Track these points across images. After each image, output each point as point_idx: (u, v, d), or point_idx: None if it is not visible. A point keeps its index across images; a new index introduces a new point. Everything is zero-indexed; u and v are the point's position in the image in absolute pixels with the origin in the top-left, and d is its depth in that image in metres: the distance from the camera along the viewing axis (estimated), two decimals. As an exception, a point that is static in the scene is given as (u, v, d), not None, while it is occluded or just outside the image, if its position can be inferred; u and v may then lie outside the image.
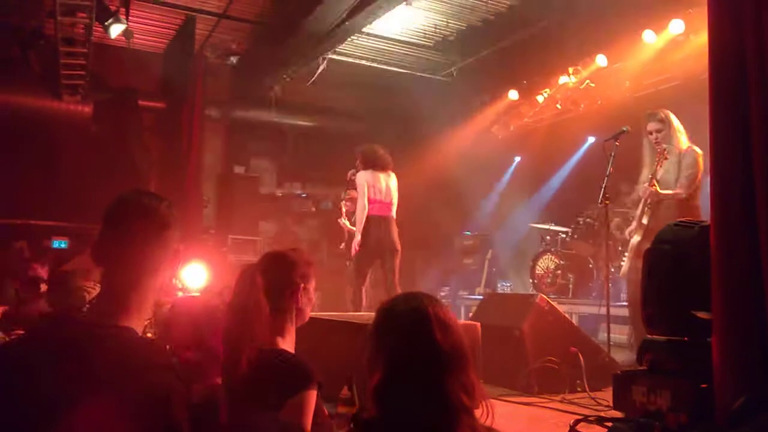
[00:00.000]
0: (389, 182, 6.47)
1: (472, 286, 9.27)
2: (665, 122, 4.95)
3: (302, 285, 2.23)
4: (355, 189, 6.55)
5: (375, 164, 6.48)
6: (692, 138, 5.07)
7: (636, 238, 5.04)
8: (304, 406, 1.94)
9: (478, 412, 1.51)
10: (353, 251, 6.31)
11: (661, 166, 4.86)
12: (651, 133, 4.99)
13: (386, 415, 1.47)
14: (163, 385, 1.33)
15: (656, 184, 4.81)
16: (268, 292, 2.14)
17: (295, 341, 2.25)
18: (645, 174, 5.08)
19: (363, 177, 6.37)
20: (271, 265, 2.23)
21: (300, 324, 2.26)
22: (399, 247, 6.41)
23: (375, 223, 6.28)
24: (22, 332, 3.82)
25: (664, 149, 4.84)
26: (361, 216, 6.20)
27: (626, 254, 5.25)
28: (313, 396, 1.98)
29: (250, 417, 2.02)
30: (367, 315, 4.62)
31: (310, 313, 2.28)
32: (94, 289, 4.65)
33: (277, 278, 2.18)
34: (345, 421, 2.13)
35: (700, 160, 4.78)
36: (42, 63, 8.52)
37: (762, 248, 2.34)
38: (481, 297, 8.42)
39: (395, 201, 6.52)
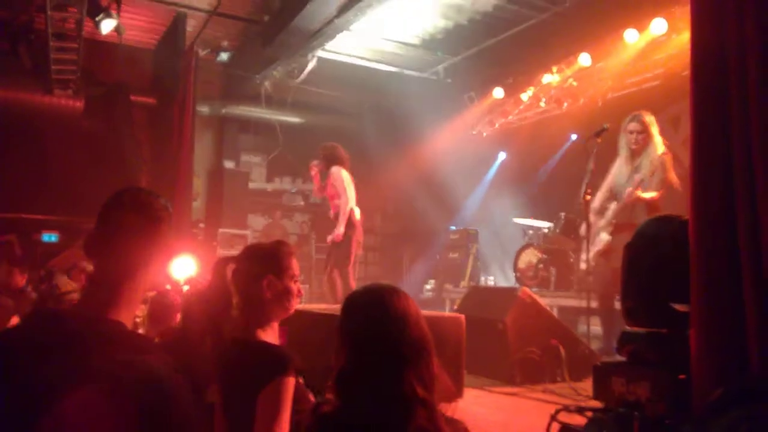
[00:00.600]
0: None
1: (457, 279, 9.42)
2: (647, 126, 5.11)
3: (271, 276, 2.15)
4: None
5: (345, 163, 6.69)
6: (674, 135, 5.23)
7: (604, 236, 5.25)
8: (280, 392, 1.89)
9: (460, 405, 1.55)
10: (349, 243, 6.36)
11: (635, 168, 5.10)
12: (631, 133, 5.14)
13: (344, 407, 1.48)
14: (158, 377, 1.30)
15: (639, 189, 4.97)
16: (242, 283, 2.15)
17: (279, 334, 2.24)
18: (617, 168, 5.27)
19: (345, 173, 6.53)
20: (246, 256, 2.22)
21: (283, 317, 2.22)
22: None
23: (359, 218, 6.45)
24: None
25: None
26: (345, 209, 6.33)
27: (591, 249, 5.38)
28: (289, 383, 1.92)
29: (227, 405, 2.06)
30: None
31: (293, 307, 2.22)
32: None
33: (250, 270, 2.16)
34: None
35: (669, 163, 5.00)
36: (33, 57, 8.50)
37: (740, 242, 2.36)
38: (465, 290, 8.58)
39: None
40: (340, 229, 6.30)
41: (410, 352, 1.47)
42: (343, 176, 6.52)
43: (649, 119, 5.15)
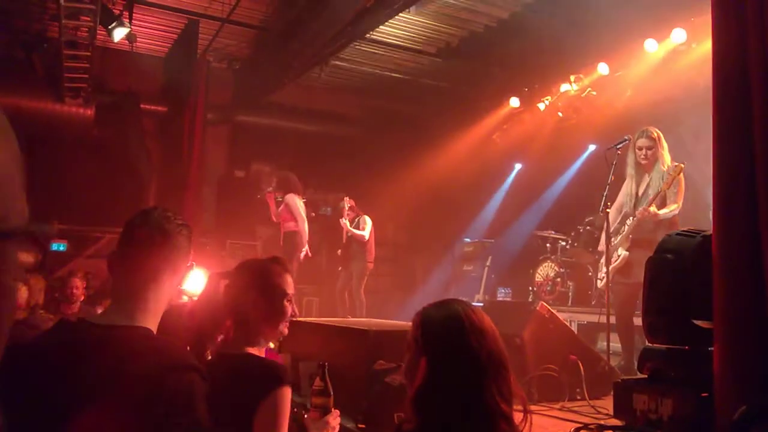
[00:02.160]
0: None
1: (471, 292, 9.25)
2: (656, 141, 5.12)
3: (255, 295, 2.11)
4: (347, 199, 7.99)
5: (299, 191, 7.59)
6: (694, 147, 5.17)
7: (623, 252, 5.20)
8: (277, 405, 1.90)
9: (516, 418, 1.50)
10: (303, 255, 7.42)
11: (645, 185, 5.13)
12: (641, 149, 5.15)
13: (426, 424, 1.46)
14: (185, 383, 1.37)
15: (654, 206, 4.95)
16: (231, 299, 2.12)
17: (272, 352, 2.28)
18: (628, 186, 5.28)
19: (299, 201, 7.48)
20: (238, 272, 2.18)
21: (273, 337, 2.20)
22: None
23: None
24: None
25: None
26: (305, 231, 7.36)
27: (604, 268, 5.35)
28: (287, 395, 1.93)
29: (223, 422, 2.01)
30: (366, 321, 4.63)
31: (283, 328, 2.15)
32: None
33: (240, 286, 2.13)
34: (320, 412, 2.13)
35: (682, 177, 5.00)
36: (45, 66, 8.54)
37: (764, 257, 2.33)
38: (480, 304, 8.40)
39: None
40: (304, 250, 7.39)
41: (490, 365, 1.47)
42: (297, 204, 7.33)
43: (657, 135, 5.16)
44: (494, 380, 1.45)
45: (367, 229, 8.04)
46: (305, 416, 2.14)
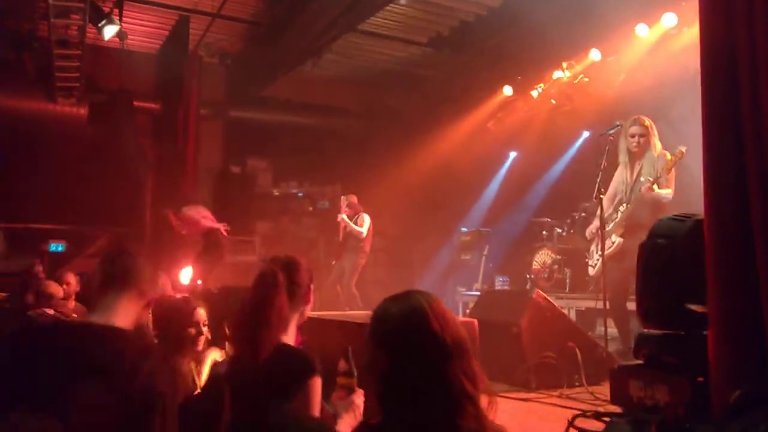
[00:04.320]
0: None
1: (469, 281, 9.29)
2: (648, 129, 5.20)
3: (312, 287, 2.38)
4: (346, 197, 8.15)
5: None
6: (686, 130, 5.21)
7: (617, 239, 5.27)
8: (311, 394, 2.05)
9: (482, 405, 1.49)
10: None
11: (637, 172, 5.20)
12: (633, 137, 5.22)
13: (391, 415, 1.47)
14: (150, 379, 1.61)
15: (656, 185, 5.00)
16: (266, 291, 2.24)
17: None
18: (621, 173, 5.35)
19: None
20: (288, 267, 2.34)
21: (301, 323, 2.37)
22: None
23: None
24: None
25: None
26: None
27: (597, 254, 5.41)
28: (318, 383, 2.09)
29: (259, 409, 2.09)
30: (364, 314, 4.66)
31: (307, 312, 2.42)
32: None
33: (292, 280, 2.31)
34: (345, 392, 2.21)
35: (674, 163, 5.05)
36: (36, 65, 8.50)
37: (756, 241, 2.35)
38: (478, 293, 8.44)
39: None
40: None
41: (454, 350, 1.46)
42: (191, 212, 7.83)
43: (649, 123, 5.24)
44: (458, 362, 1.45)
45: (365, 226, 8.06)
46: (332, 397, 2.24)
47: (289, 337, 2.29)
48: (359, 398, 2.20)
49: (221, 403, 2.22)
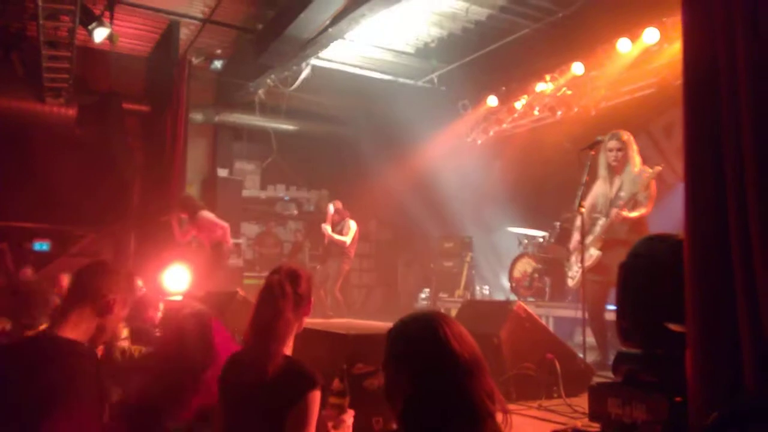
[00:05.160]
0: None
1: (451, 288, 9.40)
2: (626, 143, 5.28)
3: (313, 299, 2.40)
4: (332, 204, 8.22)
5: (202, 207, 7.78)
6: (665, 145, 5.32)
7: (595, 252, 5.35)
8: (309, 406, 2.07)
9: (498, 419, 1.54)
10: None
11: (617, 186, 5.29)
12: (611, 151, 5.31)
13: None
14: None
15: (626, 209, 5.13)
16: (275, 302, 2.28)
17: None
18: (601, 186, 5.43)
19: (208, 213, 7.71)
20: (292, 277, 2.34)
21: (298, 332, 2.38)
22: None
23: None
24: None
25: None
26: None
27: (576, 266, 5.51)
28: (318, 397, 2.11)
29: (257, 420, 2.15)
30: (346, 323, 4.72)
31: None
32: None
33: (297, 291, 2.31)
34: (336, 411, 2.24)
35: (653, 181, 5.15)
36: (25, 66, 8.47)
37: (735, 261, 2.33)
38: (460, 299, 8.55)
39: None
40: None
41: (473, 367, 1.49)
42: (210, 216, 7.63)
43: (627, 137, 5.32)
44: (479, 380, 1.49)
45: (350, 235, 8.14)
46: (322, 413, 2.25)
47: (289, 348, 2.29)
48: (350, 418, 2.24)
49: None
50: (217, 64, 9.62)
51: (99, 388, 1.93)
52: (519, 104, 9.04)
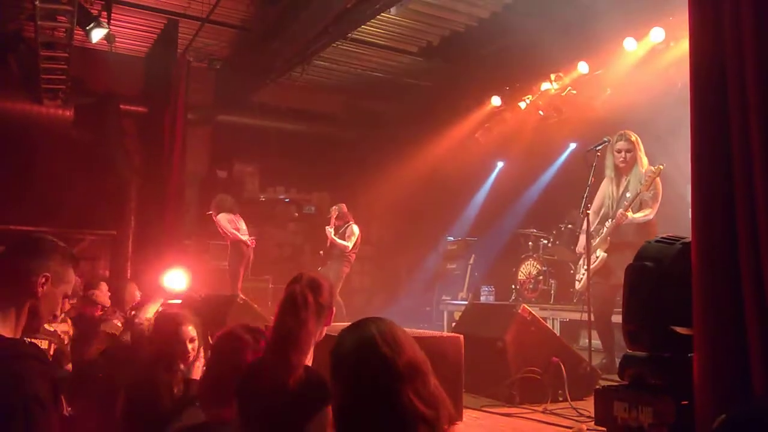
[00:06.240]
0: None
1: (455, 290, 9.31)
2: (635, 144, 5.21)
3: (334, 308, 2.36)
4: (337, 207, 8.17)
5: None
6: (672, 145, 5.25)
7: (601, 254, 5.29)
8: (327, 419, 1.98)
9: (459, 427, 1.51)
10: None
11: (623, 187, 5.24)
12: (620, 152, 5.24)
13: None
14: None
15: (630, 210, 5.09)
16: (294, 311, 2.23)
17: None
18: (607, 188, 5.38)
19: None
20: (313, 287, 2.30)
21: (317, 342, 2.31)
22: None
23: None
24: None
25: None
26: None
27: (584, 269, 5.44)
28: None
29: (277, 431, 2.09)
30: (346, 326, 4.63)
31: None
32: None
33: (318, 300, 2.27)
34: None
35: (659, 180, 5.10)
36: (22, 66, 8.41)
37: (742, 264, 2.34)
38: (464, 302, 8.44)
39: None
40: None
41: (405, 370, 1.46)
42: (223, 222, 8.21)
43: (636, 138, 5.26)
44: (411, 384, 1.45)
45: (352, 240, 7.99)
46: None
47: (309, 358, 2.24)
48: None
49: None
50: (216, 63, 9.54)
51: (54, 395, 1.65)
52: (523, 104, 8.94)
